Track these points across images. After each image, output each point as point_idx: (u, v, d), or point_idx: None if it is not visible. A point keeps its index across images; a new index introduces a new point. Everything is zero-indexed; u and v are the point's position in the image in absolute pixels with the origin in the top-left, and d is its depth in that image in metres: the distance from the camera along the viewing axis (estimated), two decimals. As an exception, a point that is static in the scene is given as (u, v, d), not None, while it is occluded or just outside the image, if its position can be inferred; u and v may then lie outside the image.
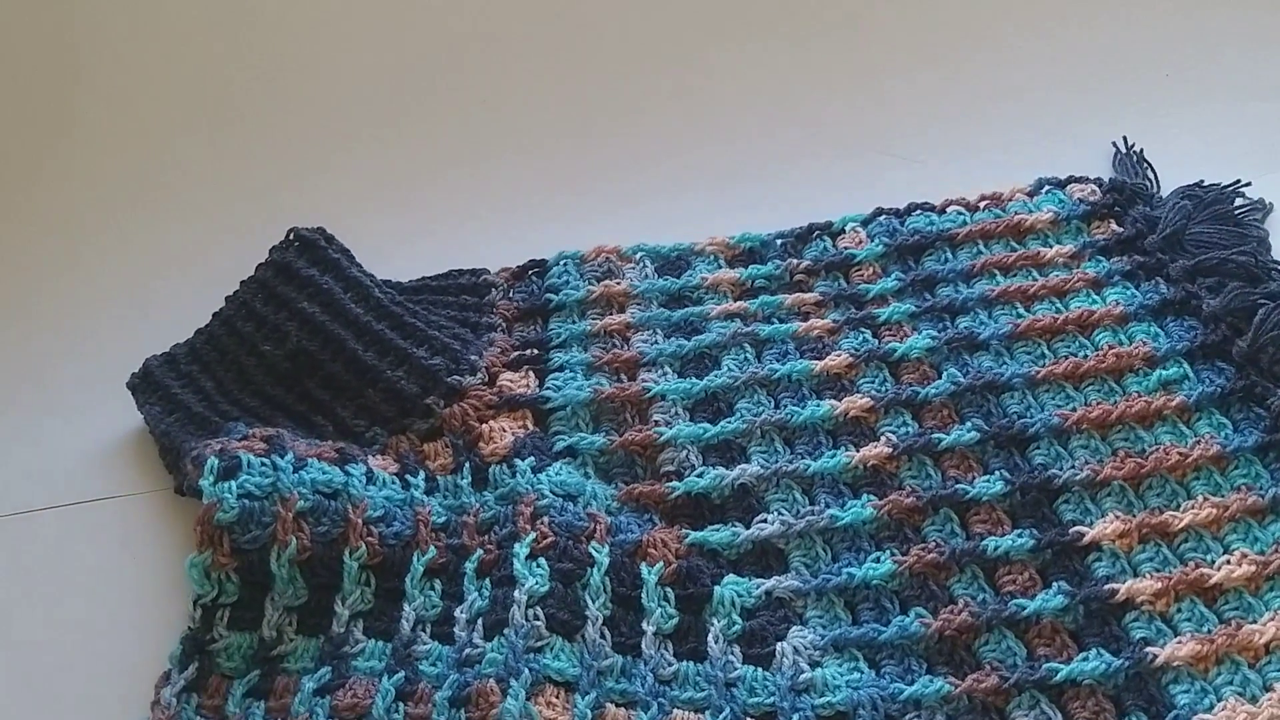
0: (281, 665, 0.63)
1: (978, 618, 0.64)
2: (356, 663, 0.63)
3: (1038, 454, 0.71)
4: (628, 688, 0.61)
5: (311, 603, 0.65)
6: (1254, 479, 0.70)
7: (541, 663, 0.61)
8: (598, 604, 0.63)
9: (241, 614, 0.64)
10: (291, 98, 0.97)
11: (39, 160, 0.94)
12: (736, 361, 0.76)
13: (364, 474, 0.68)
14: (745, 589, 0.65)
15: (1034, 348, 0.76)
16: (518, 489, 0.68)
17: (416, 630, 0.64)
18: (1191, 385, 0.74)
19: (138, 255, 0.87)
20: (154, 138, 0.95)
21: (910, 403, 0.73)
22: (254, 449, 0.67)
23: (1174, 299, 0.78)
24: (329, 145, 0.94)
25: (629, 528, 0.67)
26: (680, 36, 1.00)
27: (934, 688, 0.61)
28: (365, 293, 0.77)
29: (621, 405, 0.74)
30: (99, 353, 0.81)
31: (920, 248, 0.82)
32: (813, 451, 0.71)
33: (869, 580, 0.66)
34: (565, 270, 0.81)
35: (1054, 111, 0.93)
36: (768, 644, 0.63)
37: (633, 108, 0.95)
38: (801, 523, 0.68)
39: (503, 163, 0.92)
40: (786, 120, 0.93)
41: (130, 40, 1.01)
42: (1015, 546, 0.67)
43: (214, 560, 0.64)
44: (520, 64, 0.99)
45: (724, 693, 0.61)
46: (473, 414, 0.72)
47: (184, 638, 0.64)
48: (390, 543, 0.67)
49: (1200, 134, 0.91)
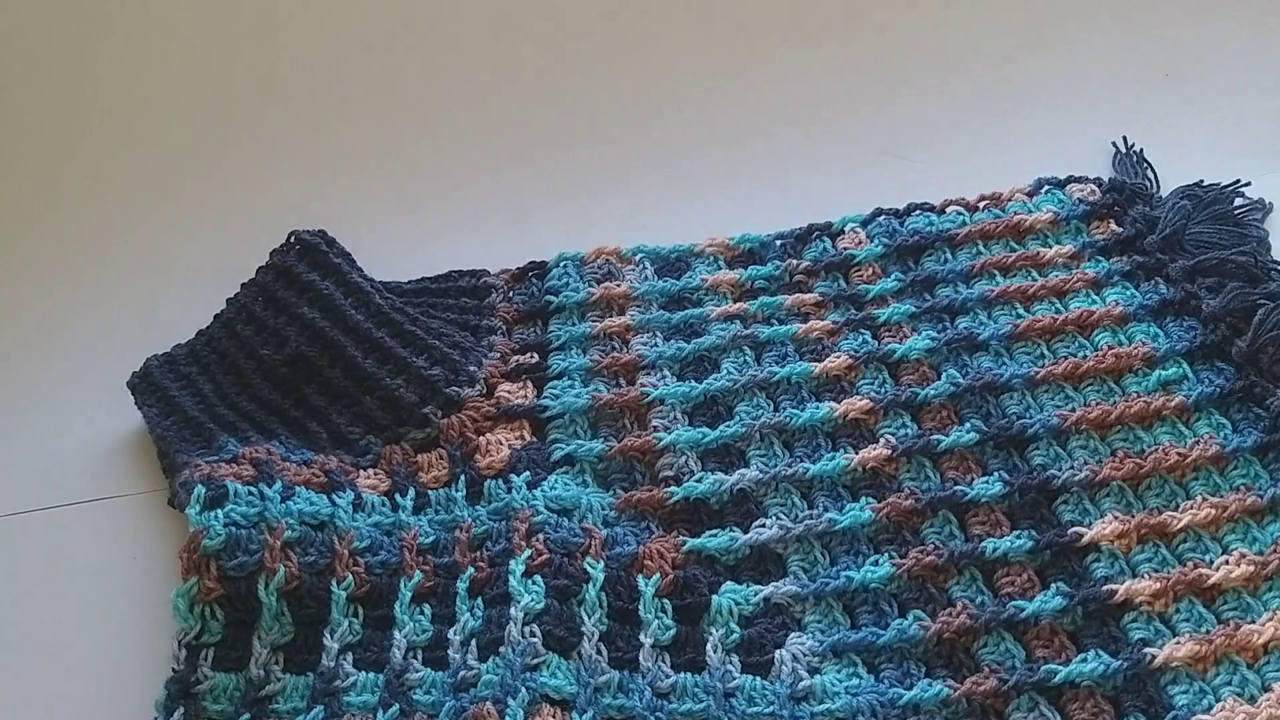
0: (271, 706, 0.62)
1: (976, 620, 0.64)
2: (349, 698, 0.62)
3: (1037, 455, 0.71)
4: (625, 703, 0.61)
5: (299, 639, 0.64)
6: (1253, 479, 0.70)
7: (538, 681, 0.61)
8: (594, 619, 0.63)
9: (226, 654, 0.63)
10: (293, 99, 0.97)
11: (42, 161, 0.94)
12: (736, 364, 0.76)
13: (350, 502, 0.68)
14: (743, 596, 0.65)
15: (1033, 348, 0.76)
16: (513, 505, 0.68)
17: (408, 658, 0.63)
18: (1191, 386, 0.74)
19: (138, 256, 0.88)
20: (156, 139, 0.95)
21: (910, 404, 0.73)
22: (241, 475, 0.67)
23: (1174, 299, 0.78)
24: (330, 146, 0.94)
25: (625, 539, 0.67)
26: (680, 38, 1.00)
27: (933, 691, 0.62)
28: (366, 299, 0.77)
29: (620, 411, 0.74)
30: (99, 353, 0.81)
31: (920, 248, 0.82)
32: (812, 454, 0.71)
33: (867, 584, 0.66)
34: (565, 272, 0.81)
35: (1054, 111, 0.92)
36: (766, 652, 0.63)
37: (632, 109, 0.95)
38: (800, 527, 0.68)
39: (503, 164, 0.92)
40: (786, 120, 0.93)
41: (133, 43, 1.01)
42: (1014, 548, 0.67)
43: (201, 587, 0.63)
44: (520, 65, 0.99)
45: (723, 703, 0.61)
46: (470, 426, 0.72)
47: (169, 681, 0.63)
48: (377, 572, 0.67)
49: (1200, 134, 0.90)
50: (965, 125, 0.92)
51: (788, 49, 0.99)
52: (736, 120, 0.94)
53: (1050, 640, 0.64)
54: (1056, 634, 0.64)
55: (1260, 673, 0.63)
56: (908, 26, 1.00)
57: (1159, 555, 0.67)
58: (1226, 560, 0.66)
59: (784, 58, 0.98)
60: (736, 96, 0.96)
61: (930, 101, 0.94)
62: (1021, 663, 0.63)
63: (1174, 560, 0.67)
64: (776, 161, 0.91)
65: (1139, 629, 0.64)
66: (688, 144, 0.92)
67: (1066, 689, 0.62)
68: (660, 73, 0.97)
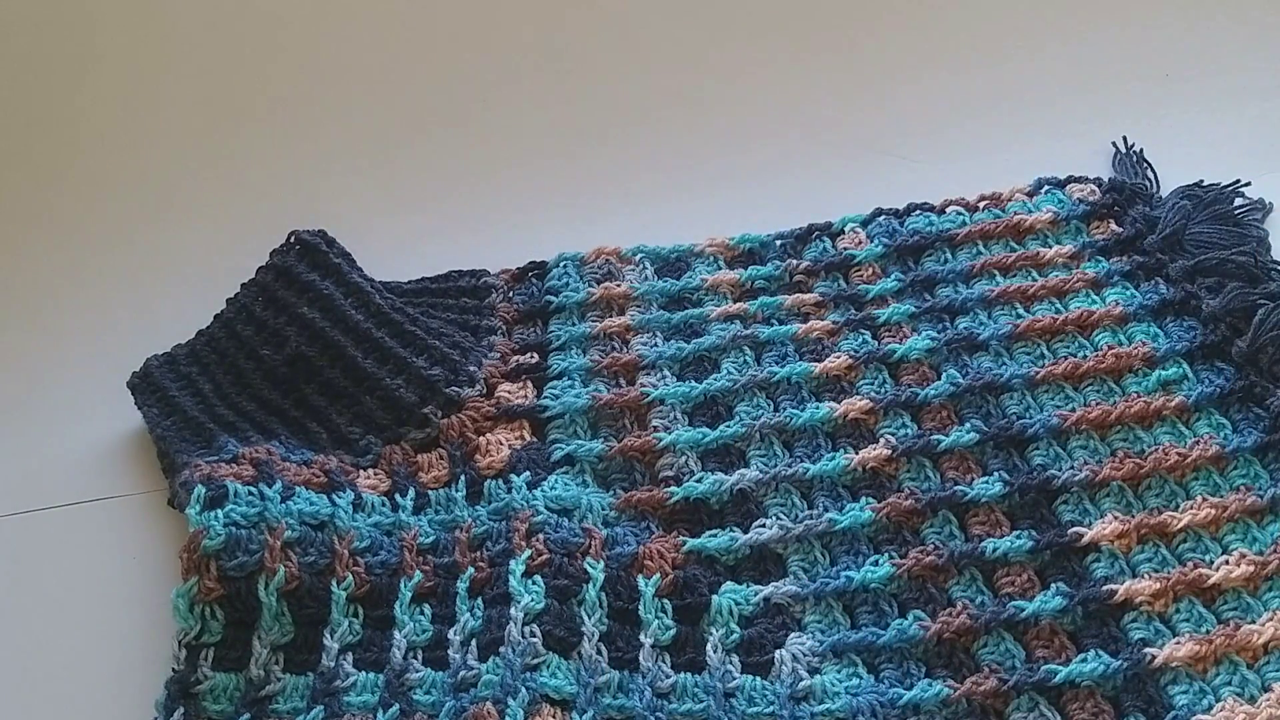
0: (271, 706, 0.62)
1: (976, 620, 0.64)
2: (349, 698, 0.62)
3: (1037, 455, 0.71)
4: (625, 703, 0.61)
5: (299, 639, 0.64)
6: (1253, 479, 0.70)
7: (539, 681, 0.61)
8: (594, 619, 0.63)
9: (226, 654, 0.63)
10: (293, 99, 0.97)
11: (42, 161, 0.94)
12: (736, 364, 0.76)
13: (350, 502, 0.68)
14: (743, 596, 0.65)
15: (1033, 348, 0.76)
16: (513, 505, 0.68)
17: (408, 658, 0.63)
18: (1191, 386, 0.74)
19: (138, 256, 0.88)
20: (157, 138, 0.95)
21: (910, 404, 0.73)
22: (241, 476, 0.67)
23: (1173, 299, 0.78)
24: (330, 146, 0.94)
25: (625, 540, 0.67)
26: (679, 38, 1.00)
27: (933, 691, 0.61)
28: (366, 299, 0.77)
29: (620, 411, 0.74)
30: (99, 353, 0.81)
31: (920, 248, 0.82)
32: (812, 454, 0.71)
33: (867, 584, 0.66)
34: (565, 272, 0.81)
35: (1054, 111, 0.92)
36: (766, 652, 0.63)
37: (632, 109, 0.95)
38: (800, 527, 0.68)
39: (503, 164, 0.92)
40: (786, 121, 0.93)
41: (133, 41, 1.01)
42: (1014, 548, 0.67)
43: (201, 587, 0.63)
44: (520, 65, 0.98)
45: (723, 703, 0.61)
46: (470, 426, 0.72)
47: (169, 681, 0.62)
48: (376, 572, 0.67)
49: (1200, 134, 0.90)
50: (965, 125, 0.92)
51: (788, 48, 0.99)
52: (736, 120, 0.94)
53: (1050, 640, 0.64)
54: (1056, 634, 0.64)
55: (1260, 673, 0.63)
56: (908, 26, 1.00)
57: (1159, 555, 0.67)
58: (1226, 560, 0.66)
59: (784, 57, 0.98)
60: (736, 96, 0.95)
61: (930, 101, 0.94)
62: (1021, 663, 0.63)
63: (1174, 560, 0.67)
64: (776, 161, 0.91)
65: (1139, 629, 0.64)
66: (688, 144, 0.92)
67: (1066, 689, 0.62)
68: (660, 72, 0.97)
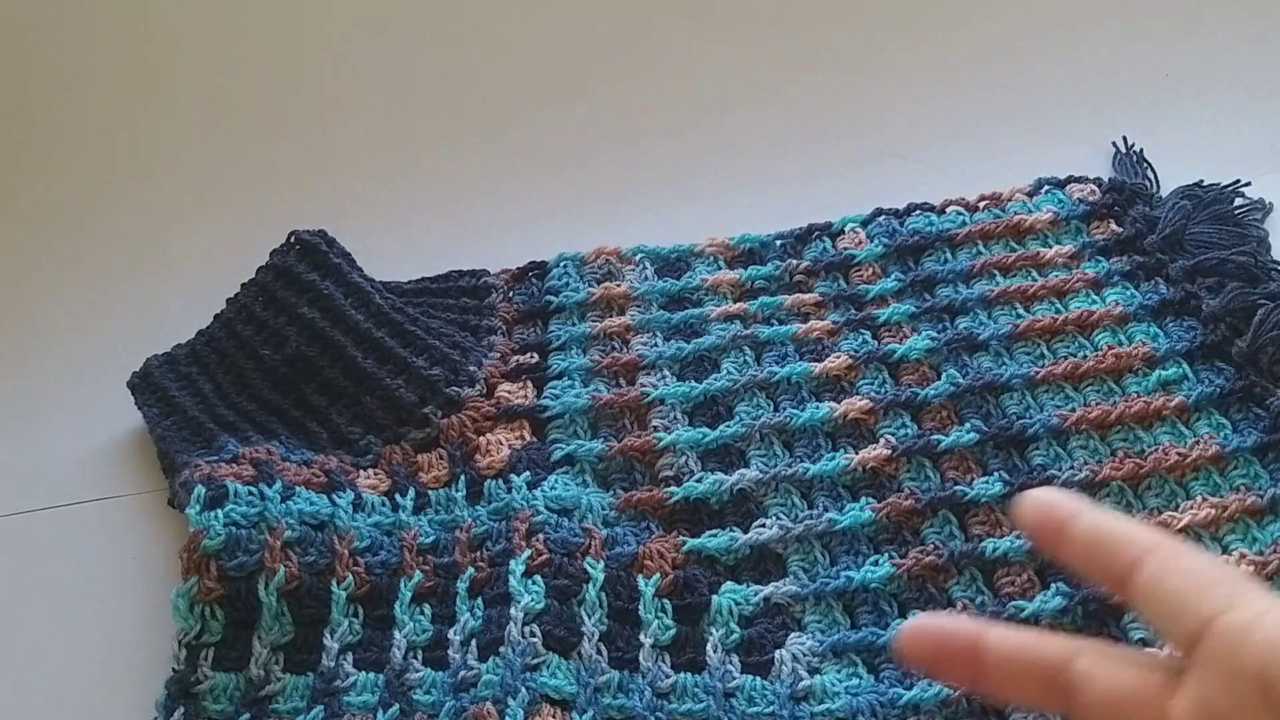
0: (271, 706, 0.62)
1: (977, 620, 0.64)
2: (349, 698, 0.62)
3: (1037, 455, 0.71)
4: (625, 703, 0.61)
5: (299, 639, 0.64)
6: (1253, 479, 0.69)
7: (538, 681, 0.61)
8: (594, 619, 0.63)
9: (226, 653, 0.63)
10: (293, 98, 0.97)
11: (41, 160, 0.94)
12: (736, 364, 0.76)
13: (350, 502, 0.68)
14: (743, 596, 0.65)
15: (1033, 348, 0.76)
16: (513, 505, 0.68)
17: (408, 658, 0.63)
18: (1191, 386, 0.74)
19: (138, 256, 0.88)
20: (156, 137, 0.95)
21: (909, 404, 0.73)
22: (241, 476, 0.67)
23: (1174, 299, 0.78)
24: (330, 146, 0.94)
25: (625, 539, 0.67)
26: (679, 37, 1.00)
27: (933, 691, 0.61)
28: (366, 299, 0.77)
29: (620, 411, 0.74)
30: (99, 353, 0.81)
31: (920, 248, 0.82)
32: (812, 454, 0.71)
33: (867, 584, 0.66)
34: (565, 272, 0.81)
35: (1054, 111, 0.92)
36: (766, 652, 0.63)
37: (632, 108, 0.95)
38: (800, 527, 0.68)
39: (504, 164, 0.92)
40: (786, 121, 0.93)
41: (132, 39, 1.01)
42: (1014, 548, 0.67)
43: (201, 587, 0.63)
44: (520, 65, 0.98)
45: (723, 703, 0.61)
46: (470, 426, 0.72)
47: (169, 680, 0.63)
48: (377, 572, 0.67)
49: (1200, 134, 0.90)
50: (965, 125, 0.92)
51: (788, 49, 0.98)
52: (736, 120, 0.94)
53: (1051, 641, 0.64)
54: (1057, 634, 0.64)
55: (1260, 673, 0.62)
56: (908, 27, 0.99)
57: (1159, 555, 0.67)
58: (1227, 561, 0.66)
59: (784, 57, 0.98)
60: (737, 97, 0.95)
61: (930, 101, 0.94)
62: (1022, 663, 0.63)
63: (1174, 560, 0.67)
64: (776, 161, 0.90)
65: (1139, 629, 0.64)
66: (688, 144, 0.92)
67: (1066, 689, 0.62)
68: (660, 73, 0.97)
